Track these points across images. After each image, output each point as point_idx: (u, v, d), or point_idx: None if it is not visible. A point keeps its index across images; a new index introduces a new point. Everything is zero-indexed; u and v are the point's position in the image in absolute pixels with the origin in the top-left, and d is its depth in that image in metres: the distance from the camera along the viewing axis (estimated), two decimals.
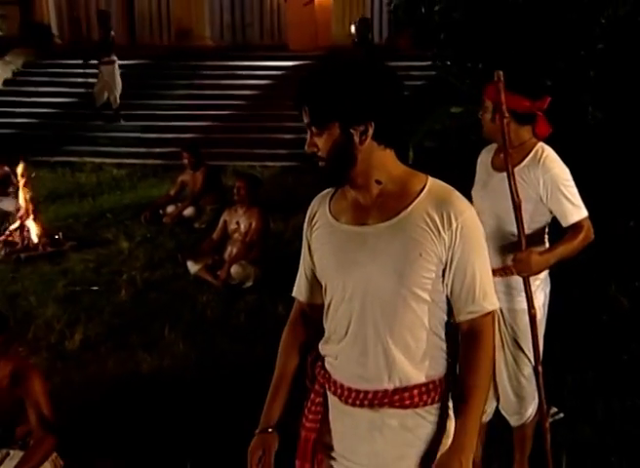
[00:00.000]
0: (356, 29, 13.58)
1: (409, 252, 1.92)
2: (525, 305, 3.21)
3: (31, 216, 7.61)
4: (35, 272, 6.78)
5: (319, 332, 2.14)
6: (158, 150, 11.67)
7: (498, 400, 3.46)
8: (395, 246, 1.93)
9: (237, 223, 6.44)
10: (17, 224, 7.53)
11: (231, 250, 6.49)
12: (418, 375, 1.99)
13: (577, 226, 3.14)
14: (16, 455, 3.39)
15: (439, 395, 2.02)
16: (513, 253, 3.16)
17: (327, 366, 2.10)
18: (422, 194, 1.96)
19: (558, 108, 3.46)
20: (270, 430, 2.16)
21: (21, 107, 13.59)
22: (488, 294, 2.00)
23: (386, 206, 1.97)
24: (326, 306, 2.09)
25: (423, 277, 1.94)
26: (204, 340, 5.25)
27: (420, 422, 2.01)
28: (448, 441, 2.03)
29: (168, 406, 4.33)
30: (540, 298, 3.26)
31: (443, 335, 2.03)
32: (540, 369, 3.22)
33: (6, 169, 8.93)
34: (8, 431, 3.48)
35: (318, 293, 2.15)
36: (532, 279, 3.20)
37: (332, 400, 2.09)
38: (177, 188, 8.64)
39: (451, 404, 2.06)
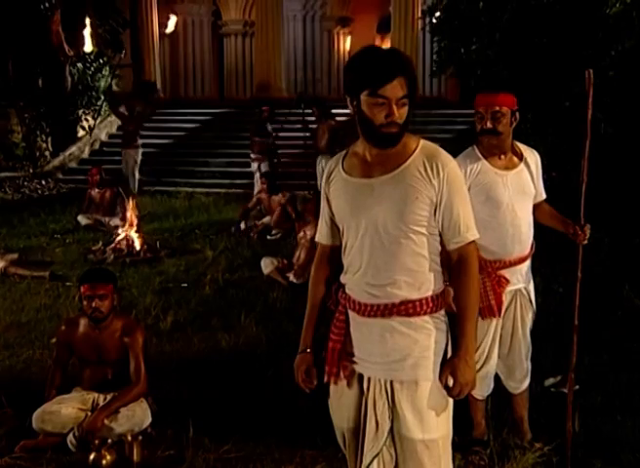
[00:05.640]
0: None
1: (408, 195, 2.12)
2: None
3: (135, 230, 8.01)
4: (137, 272, 7.09)
5: (338, 268, 2.33)
6: (239, 181, 12.05)
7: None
8: (397, 191, 2.13)
9: (304, 232, 6.63)
10: (123, 235, 7.91)
11: (299, 255, 6.66)
12: (418, 292, 2.16)
13: (545, 199, 3.31)
14: None
15: (436, 306, 2.19)
16: (529, 237, 3.25)
17: (347, 291, 2.28)
18: (417, 151, 2.15)
19: (577, 125, 3.55)
20: (308, 350, 2.37)
21: None
22: (469, 228, 2.18)
23: (388, 162, 2.16)
24: (343, 245, 2.27)
25: (419, 215, 2.13)
26: (273, 325, 5.40)
27: (422, 326, 2.18)
28: (448, 346, 2.23)
29: (243, 372, 4.50)
30: None
31: (438, 261, 2.21)
32: (576, 322, 3.29)
33: (115, 192, 9.45)
34: (117, 378, 3.68)
35: (336, 237, 2.33)
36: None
37: (351, 315, 2.27)
38: (253, 202, 9.02)
39: (444, 314, 2.23)
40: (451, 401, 2.23)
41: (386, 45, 18.70)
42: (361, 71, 2.10)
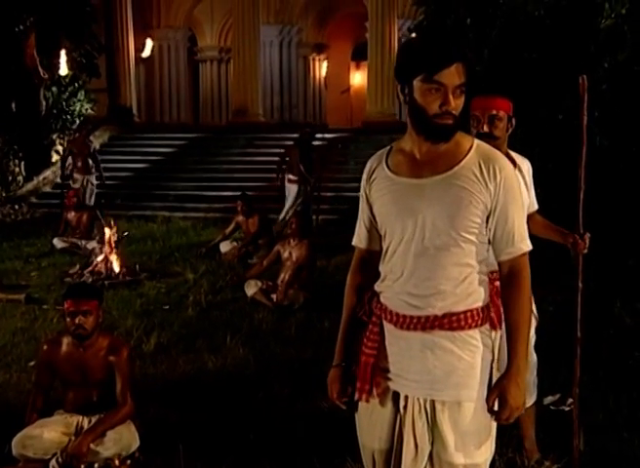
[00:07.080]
0: None
1: (461, 199, 1.95)
2: None
3: (114, 252, 7.80)
4: (116, 295, 6.88)
5: (376, 276, 2.14)
6: (217, 205, 11.90)
7: None
8: (449, 194, 1.96)
9: (289, 253, 6.51)
10: (101, 257, 7.70)
11: (284, 276, 6.52)
12: (464, 304, 1.99)
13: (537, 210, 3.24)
14: None
15: (482, 320, 2.02)
16: None
17: (382, 300, 2.09)
18: (471, 151, 1.99)
19: (571, 137, 3.51)
20: (343, 364, 2.17)
21: (106, 172, 13.99)
22: (524, 238, 2.02)
23: (439, 161, 1.99)
24: (384, 250, 2.09)
25: (472, 221, 1.97)
26: (260, 346, 5.26)
27: (467, 341, 2.01)
28: (493, 362, 2.07)
29: (232, 394, 4.34)
30: None
31: (485, 271, 2.05)
32: (579, 334, 3.24)
33: (92, 215, 9.27)
34: (102, 400, 3.50)
35: (375, 241, 2.15)
36: None
37: (388, 327, 2.08)
38: (231, 228, 8.84)
39: (488, 328, 2.07)
40: (494, 422, 2.06)
41: (363, 72, 18.88)
42: (416, 54, 1.91)
